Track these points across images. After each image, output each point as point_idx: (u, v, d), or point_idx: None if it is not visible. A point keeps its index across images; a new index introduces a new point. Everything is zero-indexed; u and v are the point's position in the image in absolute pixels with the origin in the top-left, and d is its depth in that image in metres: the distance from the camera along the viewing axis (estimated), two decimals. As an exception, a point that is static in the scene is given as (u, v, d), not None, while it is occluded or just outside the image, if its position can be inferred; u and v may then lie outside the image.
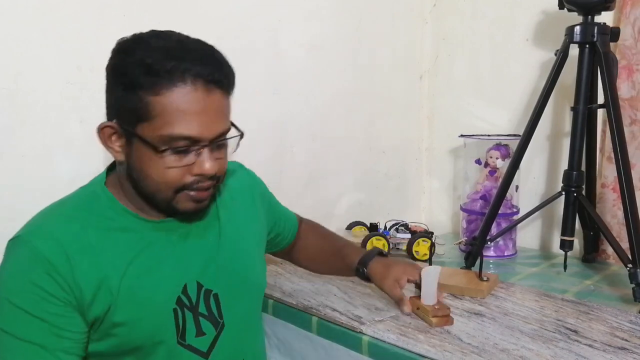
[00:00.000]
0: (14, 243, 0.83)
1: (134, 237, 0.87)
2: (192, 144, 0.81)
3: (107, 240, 0.85)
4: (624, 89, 1.44)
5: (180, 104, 0.79)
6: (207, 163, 0.83)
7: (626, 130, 1.33)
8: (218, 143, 0.84)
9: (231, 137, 0.88)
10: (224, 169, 0.88)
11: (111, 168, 0.93)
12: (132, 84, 0.79)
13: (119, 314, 0.83)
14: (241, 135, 0.89)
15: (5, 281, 0.81)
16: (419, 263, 1.49)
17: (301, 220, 1.26)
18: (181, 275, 0.90)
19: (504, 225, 1.53)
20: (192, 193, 0.85)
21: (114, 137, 0.84)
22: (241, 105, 0.99)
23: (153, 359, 0.87)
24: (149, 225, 0.89)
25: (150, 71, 0.78)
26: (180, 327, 0.88)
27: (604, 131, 1.48)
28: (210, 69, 0.81)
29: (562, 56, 1.33)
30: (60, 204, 0.89)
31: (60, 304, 0.80)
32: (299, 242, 1.23)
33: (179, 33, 0.84)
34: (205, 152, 0.83)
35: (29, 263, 0.80)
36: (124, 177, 0.88)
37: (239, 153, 0.94)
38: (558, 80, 1.35)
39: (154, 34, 0.83)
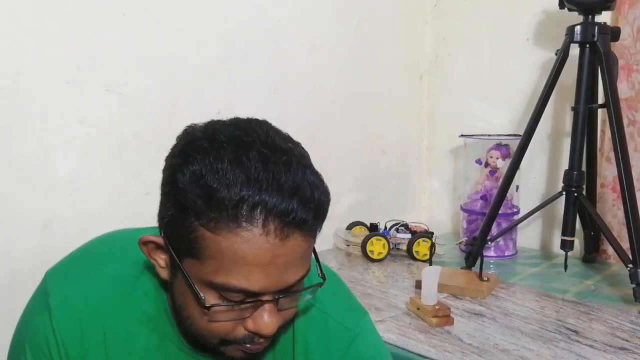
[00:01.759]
0: (47, 297, 0.70)
1: (157, 353, 0.70)
2: (250, 296, 0.60)
3: (124, 346, 0.70)
4: (622, 89, 1.44)
5: (243, 251, 0.57)
6: (266, 320, 0.61)
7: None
8: (288, 295, 0.63)
9: (308, 288, 0.65)
10: (289, 318, 0.67)
11: None
12: (186, 206, 0.58)
13: None
14: (322, 283, 0.66)
15: (22, 332, 0.72)
16: (419, 263, 1.50)
17: None
18: None
19: (504, 225, 1.53)
20: (242, 346, 0.65)
21: (159, 251, 0.66)
22: (241, 105, 0.99)
23: None
24: (186, 349, 0.71)
25: (211, 200, 0.57)
26: None
27: (602, 131, 1.48)
28: (293, 204, 0.57)
29: (562, 56, 1.33)
30: (107, 266, 0.72)
31: None
32: None
33: (264, 132, 0.63)
34: (269, 309, 0.62)
35: (47, 336, 0.68)
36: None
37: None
38: (558, 80, 1.35)
39: (231, 136, 0.60)
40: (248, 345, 0.64)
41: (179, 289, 0.65)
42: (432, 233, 1.57)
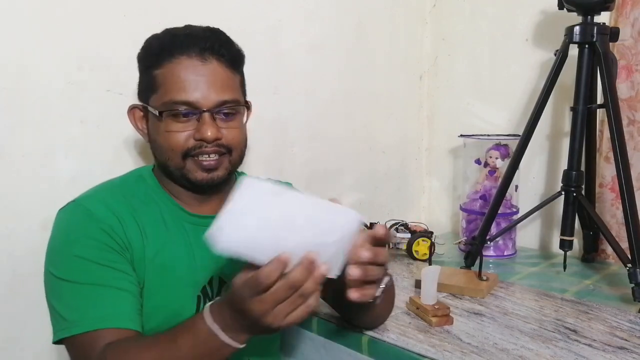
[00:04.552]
0: (66, 209, 0.89)
1: (172, 224, 0.93)
2: (191, 108, 0.87)
3: (149, 216, 0.91)
4: (622, 89, 1.44)
5: (178, 72, 0.86)
6: (206, 127, 0.86)
7: (624, 130, 1.33)
8: (221, 111, 0.88)
9: (232, 105, 0.90)
10: (234, 139, 0.91)
11: None
12: (145, 64, 0.91)
13: (146, 294, 0.88)
14: (247, 107, 0.94)
15: (63, 237, 0.87)
16: (418, 263, 1.50)
17: None
18: (208, 269, 0.94)
19: (503, 225, 1.53)
20: (198, 159, 0.88)
21: (143, 120, 0.93)
22: (241, 105, 0.99)
23: None
24: (187, 218, 0.94)
25: (156, 49, 0.89)
26: None
27: (601, 131, 1.49)
28: (207, 40, 0.87)
29: (561, 56, 1.33)
30: (109, 182, 0.96)
31: (117, 254, 0.85)
32: None
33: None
34: (206, 118, 0.87)
35: (83, 222, 0.86)
36: (155, 160, 0.95)
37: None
38: (557, 80, 1.35)
39: (177, 27, 0.92)
40: (201, 159, 0.88)
41: (151, 128, 0.91)
42: (432, 233, 1.57)
